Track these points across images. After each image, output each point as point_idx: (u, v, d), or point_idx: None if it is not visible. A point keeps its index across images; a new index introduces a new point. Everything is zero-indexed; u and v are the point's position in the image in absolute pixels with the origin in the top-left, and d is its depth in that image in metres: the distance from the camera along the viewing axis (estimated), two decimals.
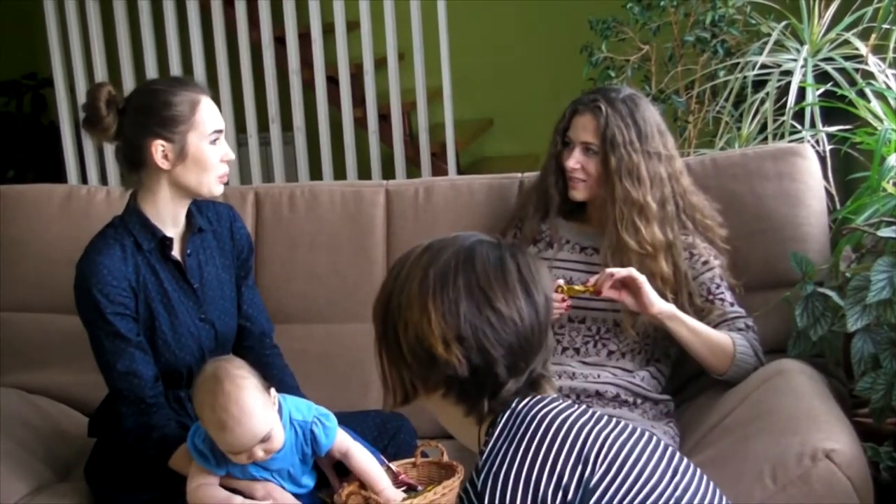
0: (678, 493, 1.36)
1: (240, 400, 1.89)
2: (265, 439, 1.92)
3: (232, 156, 2.14)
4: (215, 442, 1.93)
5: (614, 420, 1.44)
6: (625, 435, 1.40)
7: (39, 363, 2.66)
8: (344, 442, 2.04)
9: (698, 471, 1.44)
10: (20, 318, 2.70)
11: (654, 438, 1.44)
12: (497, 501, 1.30)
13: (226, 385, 1.89)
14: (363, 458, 2.03)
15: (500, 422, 1.40)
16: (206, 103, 2.10)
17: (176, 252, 2.16)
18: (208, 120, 2.09)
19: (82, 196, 2.74)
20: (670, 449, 1.44)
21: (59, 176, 4.51)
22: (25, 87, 5.45)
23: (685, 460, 1.44)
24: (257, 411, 1.90)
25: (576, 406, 1.43)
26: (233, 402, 1.88)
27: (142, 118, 2.07)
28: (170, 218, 2.14)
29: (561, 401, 1.43)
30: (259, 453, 1.92)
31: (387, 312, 1.46)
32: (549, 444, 1.34)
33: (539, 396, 1.42)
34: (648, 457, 1.38)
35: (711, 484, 1.44)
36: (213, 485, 1.98)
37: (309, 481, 2.07)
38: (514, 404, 1.41)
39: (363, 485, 2.01)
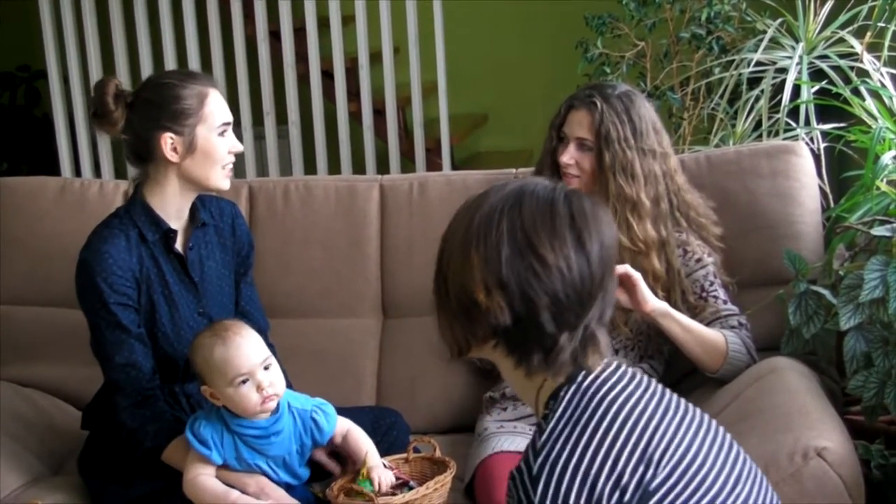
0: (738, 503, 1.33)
1: (238, 324, 2.00)
2: (268, 366, 1.95)
3: (240, 147, 2.16)
4: (219, 378, 1.93)
5: (682, 406, 1.39)
6: (692, 431, 1.35)
7: (32, 356, 2.66)
8: (343, 424, 2.07)
9: (758, 474, 1.41)
10: (13, 311, 2.69)
11: (720, 431, 1.40)
12: (551, 492, 1.26)
13: (225, 321, 2.02)
14: (362, 441, 2.06)
15: (563, 396, 1.35)
16: (214, 96, 2.11)
17: (178, 245, 2.17)
18: (217, 112, 2.11)
19: (76, 189, 2.73)
20: (735, 447, 1.41)
21: (53, 168, 4.50)
22: (19, 79, 5.43)
23: (747, 462, 1.41)
24: (256, 334, 1.98)
25: (642, 385, 1.38)
26: (233, 325, 1.99)
27: (151, 111, 2.08)
28: (175, 211, 2.15)
29: (626, 376, 1.38)
30: (265, 382, 1.93)
31: (439, 263, 1.41)
32: (612, 440, 1.29)
33: (605, 372, 1.37)
34: (713, 461, 1.34)
35: (770, 490, 1.41)
36: (210, 475, 1.98)
37: (304, 472, 2.07)
38: (579, 379, 1.35)
39: (354, 479, 2.02)
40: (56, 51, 4.38)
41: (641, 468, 1.28)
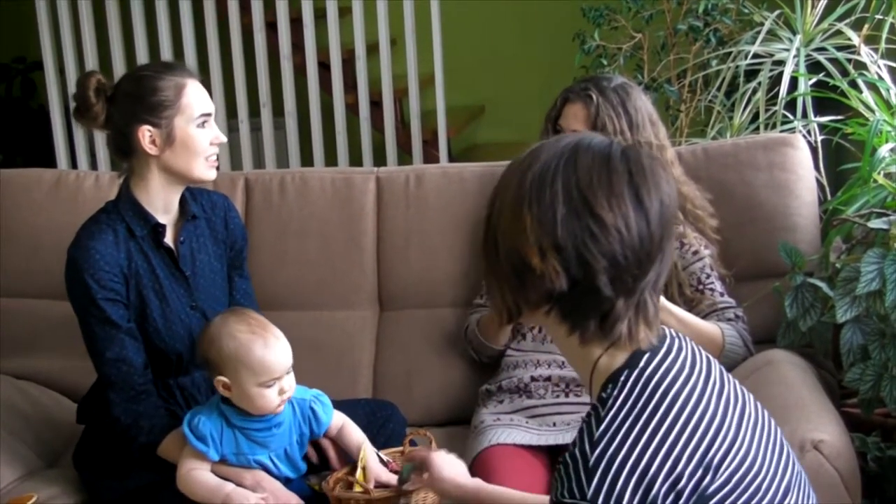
0: None
1: (271, 324, 1.99)
2: (289, 371, 1.96)
3: (223, 138, 2.13)
4: (249, 376, 1.92)
5: (741, 400, 1.33)
6: (750, 432, 1.30)
7: (28, 349, 2.65)
8: (339, 418, 2.08)
9: (803, 479, 1.37)
10: (8, 303, 2.69)
11: (773, 429, 1.36)
12: (606, 488, 1.20)
13: (253, 314, 2.01)
14: (357, 434, 2.07)
15: (625, 382, 1.27)
16: (192, 87, 2.09)
17: (169, 239, 2.16)
18: (195, 103, 2.08)
19: (71, 181, 2.72)
20: (787, 450, 1.37)
21: (49, 160, 4.49)
22: (14, 70, 5.42)
23: (796, 466, 1.37)
24: (283, 336, 1.99)
25: (703, 374, 1.32)
26: (269, 324, 1.98)
27: (129, 105, 2.07)
28: (162, 204, 2.14)
29: (688, 363, 1.32)
30: (286, 386, 1.95)
31: (488, 224, 1.33)
32: (673, 440, 1.23)
33: (667, 358, 1.30)
34: (769, 467, 1.30)
35: (812, 497, 1.38)
36: (205, 470, 1.98)
37: (302, 465, 2.08)
38: (641, 364, 1.29)
39: (351, 472, 2.02)
40: (52, 42, 4.37)
41: (700, 472, 1.23)
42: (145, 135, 2.05)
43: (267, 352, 1.92)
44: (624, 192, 1.25)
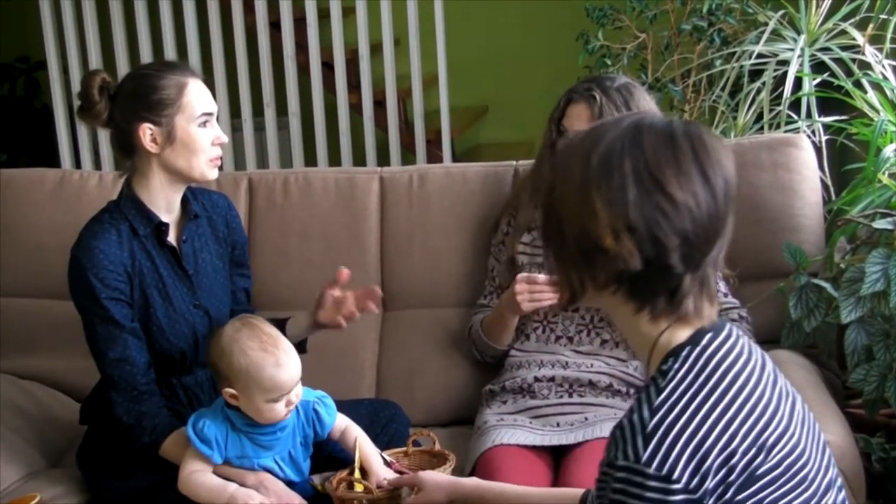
0: None
1: (282, 339, 1.97)
2: (297, 381, 1.96)
3: (224, 138, 2.13)
4: (259, 392, 1.91)
5: (791, 396, 1.36)
6: (800, 425, 1.33)
7: (31, 349, 2.65)
8: (342, 420, 2.07)
9: (840, 484, 1.40)
10: (12, 303, 2.69)
11: (819, 430, 1.39)
12: (661, 454, 1.22)
13: (265, 328, 1.98)
14: (359, 434, 2.05)
15: (687, 356, 1.30)
16: (193, 85, 2.09)
17: (171, 238, 2.16)
18: (197, 102, 2.08)
19: (75, 181, 2.72)
20: (829, 451, 1.40)
21: (53, 160, 4.49)
22: (18, 70, 5.42)
23: (835, 469, 1.40)
24: (293, 348, 1.98)
25: (759, 363, 1.34)
26: (280, 340, 1.96)
27: (131, 103, 2.07)
28: (164, 203, 2.14)
29: (745, 350, 1.34)
30: (294, 398, 1.95)
31: (550, 206, 1.34)
32: (732, 416, 1.25)
33: (728, 340, 1.32)
34: (814, 461, 1.33)
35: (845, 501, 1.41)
36: (207, 471, 1.98)
37: (306, 467, 2.07)
38: (704, 342, 1.30)
39: (352, 471, 2.01)
40: (55, 42, 4.37)
41: (753, 451, 1.25)
42: (146, 133, 2.05)
43: (278, 371, 1.91)
44: (691, 169, 1.27)
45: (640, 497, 1.22)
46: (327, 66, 4.34)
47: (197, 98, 2.08)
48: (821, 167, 2.65)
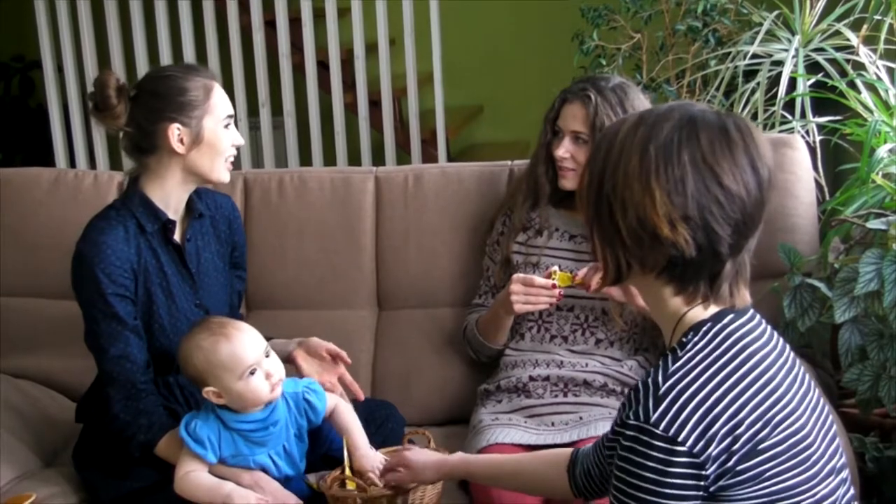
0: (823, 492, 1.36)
1: (232, 320, 2.02)
2: (268, 353, 1.96)
3: (241, 141, 2.17)
4: (227, 374, 1.92)
5: (805, 382, 1.41)
6: (809, 410, 1.38)
7: (26, 348, 2.65)
8: (331, 400, 2.08)
9: (847, 472, 1.44)
10: (7, 302, 2.69)
11: (831, 419, 1.43)
12: (670, 415, 1.28)
13: (214, 318, 2.02)
14: (347, 415, 2.07)
15: (707, 332, 1.36)
16: (218, 89, 2.13)
17: (176, 237, 2.17)
18: (221, 105, 2.11)
19: (70, 180, 2.72)
20: (837, 441, 1.43)
21: (48, 159, 4.49)
22: (13, 69, 5.42)
23: (843, 457, 1.43)
24: (250, 326, 1.99)
25: (777, 348, 1.40)
26: (228, 321, 2.00)
27: (156, 103, 2.08)
28: (174, 202, 2.15)
29: (766, 334, 1.41)
30: (272, 370, 1.94)
31: (600, 194, 1.38)
32: (742, 389, 1.31)
33: (751, 322, 1.39)
34: (819, 445, 1.37)
35: (851, 491, 1.45)
36: (203, 472, 1.98)
37: (301, 462, 2.08)
38: (725, 321, 1.37)
39: (343, 469, 2.01)
40: (51, 41, 4.37)
41: (759, 425, 1.30)
42: (174, 133, 2.06)
43: (232, 345, 1.93)
44: (743, 161, 1.33)
45: (647, 455, 1.29)
46: (323, 66, 4.34)
47: (221, 100, 2.12)
48: (815, 167, 2.66)
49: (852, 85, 2.82)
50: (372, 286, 2.67)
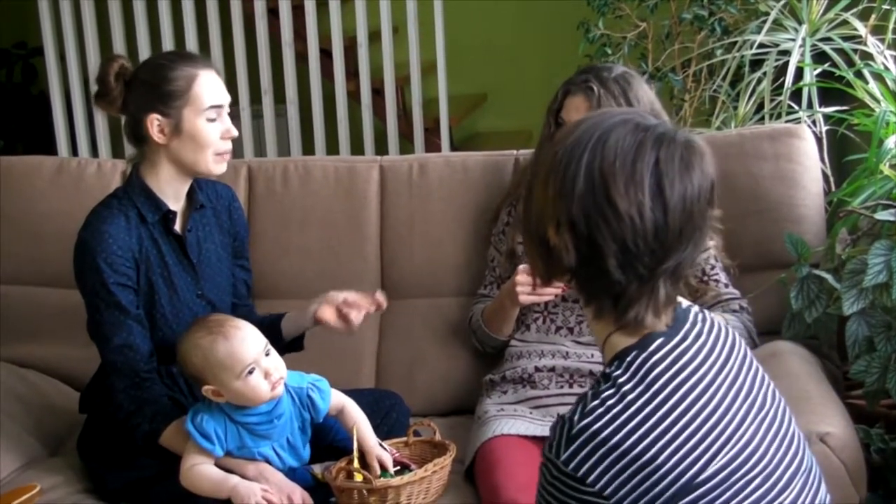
0: None
1: (230, 317, 2.00)
2: (268, 351, 1.95)
3: (235, 132, 2.14)
4: (225, 373, 1.91)
5: (755, 389, 1.32)
6: (755, 424, 1.28)
7: (30, 337, 2.65)
8: (339, 399, 2.07)
9: (813, 473, 1.36)
10: (10, 290, 2.68)
11: (786, 420, 1.34)
12: (580, 456, 1.22)
13: (212, 316, 2.01)
14: (356, 415, 2.05)
15: (630, 363, 1.26)
16: (204, 78, 2.08)
17: (177, 227, 2.16)
18: (206, 94, 2.08)
19: (73, 168, 2.71)
20: (797, 443, 1.35)
21: (50, 147, 4.47)
22: (15, 56, 5.39)
23: (805, 459, 1.35)
24: (249, 324, 1.98)
25: (717, 364, 1.29)
26: (226, 318, 1.99)
27: (143, 92, 2.07)
28: (172, 192, 2.14)
29: (702, 349, 1.29)
30: (271, 367, 1.93)
31: (528, 189, 1.33)
32: (666, 427, 1.22)
33: (680, 346, 1.28)
34: (767, 461, 1.28)
35: (822, 491, 1.37)
36: (209, 464, 1.97)
37: (306, 454, 2.07)
38: (651, 347, 1.27)
39: (350, 461, 2.01)
40: (53, 28, 4.35)
41: (686, 462, 1.22)
42: (154, 123, 2.05)
43: (229, 344, 1.92)
44: (645, 179, 1.22)
45: (556, 487, 1.25)
46: (325, 54, 4.32)
47: (207, 90, 2.08)
48: (822, 158, 2.65)
49: (860, 75, 2.80)
50: (376, 276, 2.66)
